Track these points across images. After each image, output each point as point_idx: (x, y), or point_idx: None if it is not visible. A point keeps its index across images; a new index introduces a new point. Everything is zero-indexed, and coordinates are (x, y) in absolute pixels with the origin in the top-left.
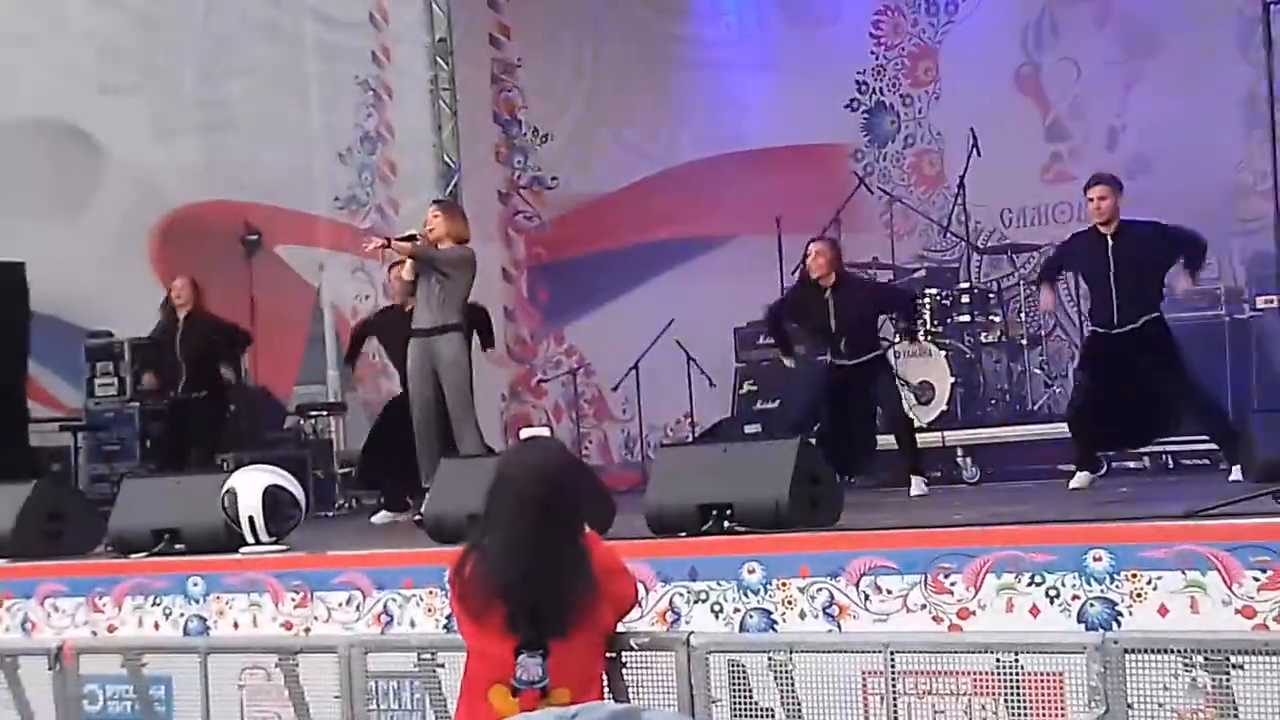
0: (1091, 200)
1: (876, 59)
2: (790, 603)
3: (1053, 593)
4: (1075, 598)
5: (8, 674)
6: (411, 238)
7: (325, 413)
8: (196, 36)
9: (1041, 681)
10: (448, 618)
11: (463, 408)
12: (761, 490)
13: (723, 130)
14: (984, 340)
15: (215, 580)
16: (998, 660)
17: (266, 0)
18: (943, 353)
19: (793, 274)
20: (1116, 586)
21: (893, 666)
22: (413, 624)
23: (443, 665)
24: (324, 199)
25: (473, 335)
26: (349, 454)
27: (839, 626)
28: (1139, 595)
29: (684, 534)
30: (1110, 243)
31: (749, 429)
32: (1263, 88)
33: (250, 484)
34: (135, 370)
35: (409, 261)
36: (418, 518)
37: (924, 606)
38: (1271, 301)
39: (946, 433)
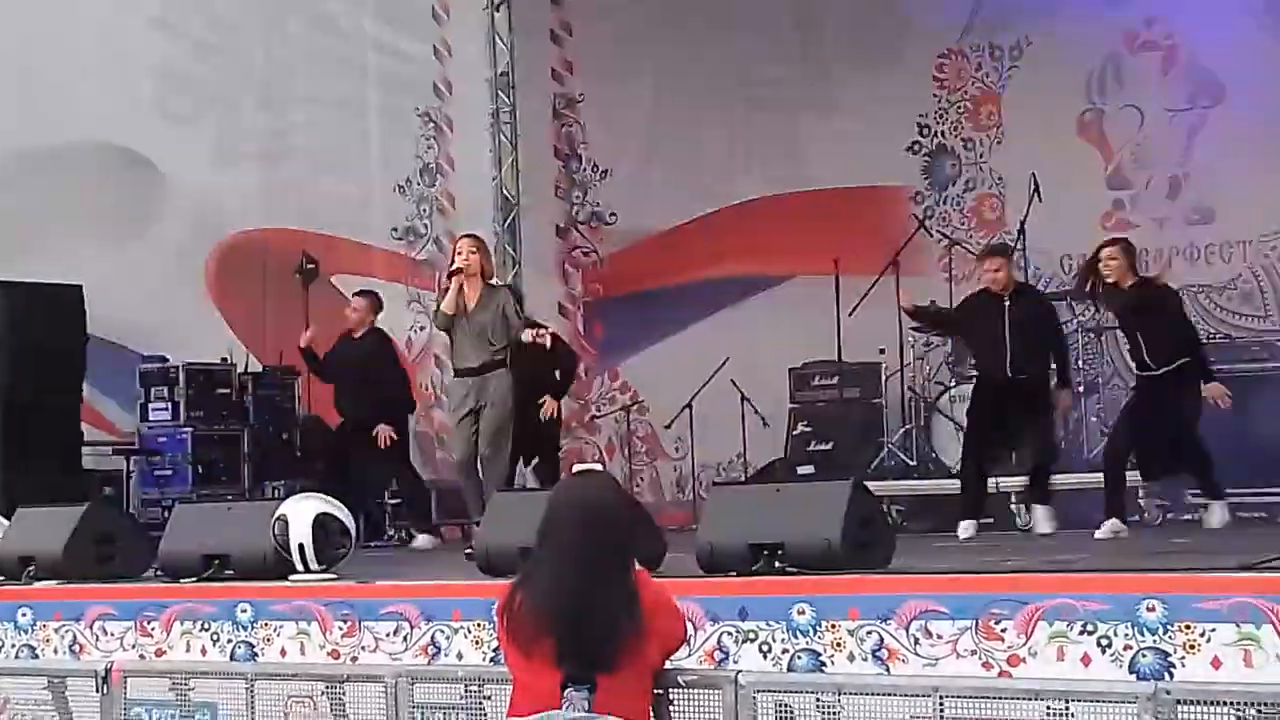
0: (989, 272)
1: (939, 102)
2: (839, 644)
3: (1105, 642)
4: (1127, 648)
5: (56, 695)
6: (459, 270)
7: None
8: (258, 65)
9: None
10: (495, 650)
11: (495, 446)
12: (813, 531)
13: (782, 170)
14: None
15: (264, 607)
16: (1048, 708)
17: (328, 31)
18: None
19: (850, 315)
20: (1169, 638)
21: (941, 712)
22: (460, 656)
23: (489, 698)
24: (382, 229)
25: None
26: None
27: (888, 670)
28: (1192, 647)
29: (734, 573)
30: (1007, 304)
31: (802, 470)
32: None
33: (301, 512)
34: None
35: (450, 299)
36: (468, 550)
37: (974, 652)
38: None
39: (1000, 479)
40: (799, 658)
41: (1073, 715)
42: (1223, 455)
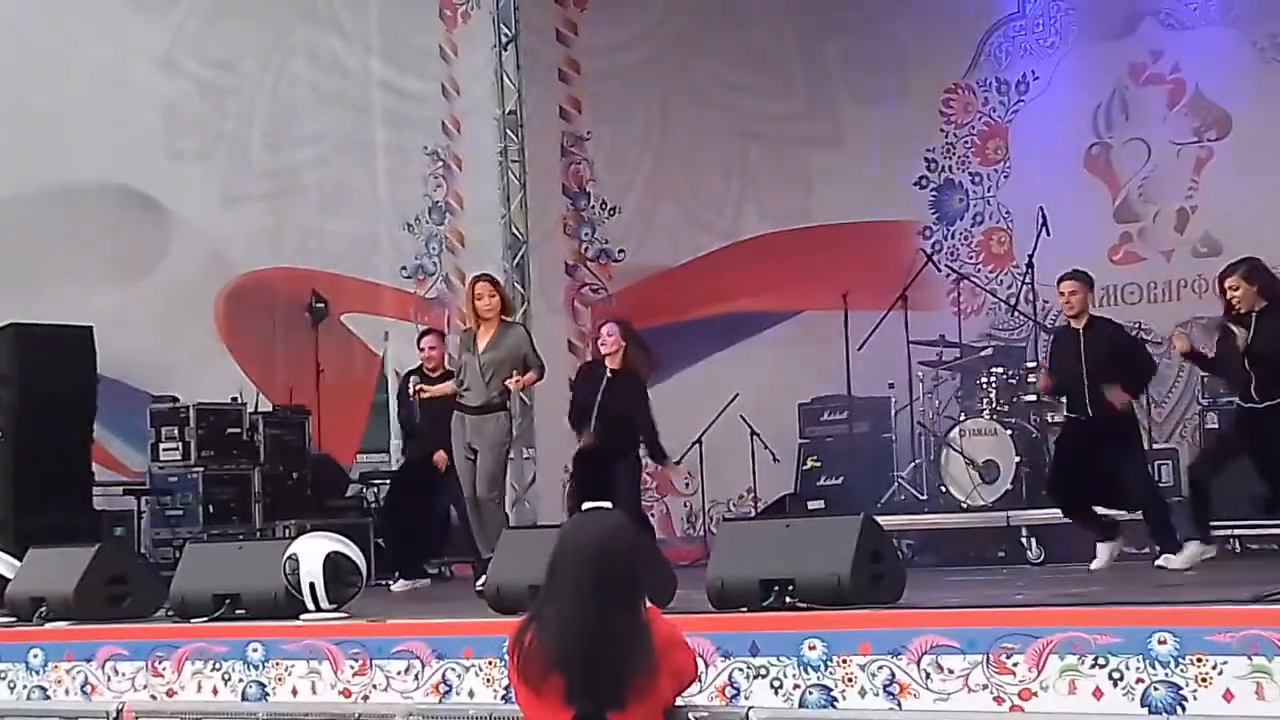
0: (1062, 295)
1: (946, 136)
2: (850, 680)
3: (1116, 675)
4: (1139, 681)
5: None
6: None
7: (388, 481)
8: (264, 104)
9: None
10: (506, 688)
11: (491, 489)
12: (824, 566)
13: (790, 205)
14: (1050, 420)
15: (275, 646)
16: None
17: (335, 70)
18: (1008, 432)
19: (859, 349)
20: (1181, 670)
21: None
22: (471, 694)
23: None
24: (391, 268)
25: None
26: None
27: (899, 705)
28: (1204, 680)
29: (745, 609)
30: (1082, 337)
31: (812, 505)
32: None
33: (312, 550)
34: None
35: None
36: (479, 588)
37: (986, 686)
38: None
39: (1011, 512)
40: (810, 693)
41: None
42: (1234, 485)
